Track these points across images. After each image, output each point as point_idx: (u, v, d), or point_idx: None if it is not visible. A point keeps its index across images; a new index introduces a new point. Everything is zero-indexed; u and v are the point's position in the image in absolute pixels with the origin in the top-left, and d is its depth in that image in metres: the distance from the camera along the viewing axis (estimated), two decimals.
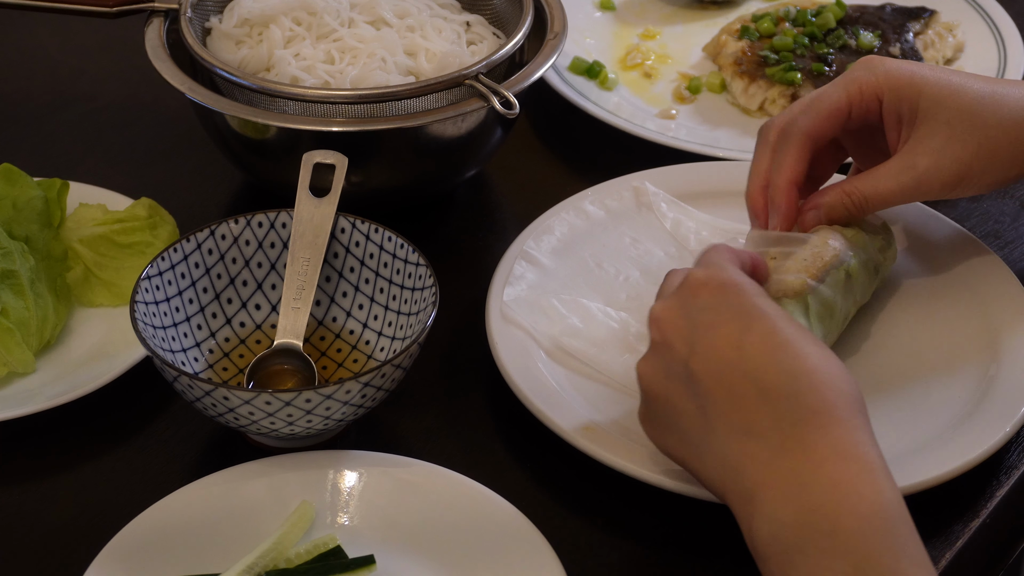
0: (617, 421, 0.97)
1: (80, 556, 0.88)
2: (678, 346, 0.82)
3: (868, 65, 1.00)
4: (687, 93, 1.33)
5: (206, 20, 1.18)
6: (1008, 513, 0.94)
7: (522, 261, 1.08)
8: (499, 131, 1.15)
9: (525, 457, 0.98)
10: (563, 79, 1.31)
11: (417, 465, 0.93)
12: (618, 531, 0.93)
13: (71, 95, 1.34)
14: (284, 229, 1.02)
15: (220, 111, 1.08)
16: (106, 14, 1.20)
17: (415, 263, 0.98)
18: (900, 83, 0.99)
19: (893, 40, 1.32)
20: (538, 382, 0.98)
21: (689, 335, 0.82)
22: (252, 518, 0.90)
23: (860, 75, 1.00)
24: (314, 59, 1.13)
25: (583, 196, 1.14)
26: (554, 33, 1.17)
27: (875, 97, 0.99)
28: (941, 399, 0.98)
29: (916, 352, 1.02)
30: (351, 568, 0.87)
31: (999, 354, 1.00)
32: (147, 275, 0.97)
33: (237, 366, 1.01)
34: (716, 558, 0.92)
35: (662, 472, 0.92)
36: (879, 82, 0.99)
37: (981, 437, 0.94)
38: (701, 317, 0.82)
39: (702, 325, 0.82)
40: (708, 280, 0.84)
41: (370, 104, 1.07)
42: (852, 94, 0.99)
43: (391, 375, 0.91)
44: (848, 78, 1.00)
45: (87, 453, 0.99)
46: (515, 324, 1.03)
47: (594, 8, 1.44)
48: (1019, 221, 1.17)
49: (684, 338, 0.82)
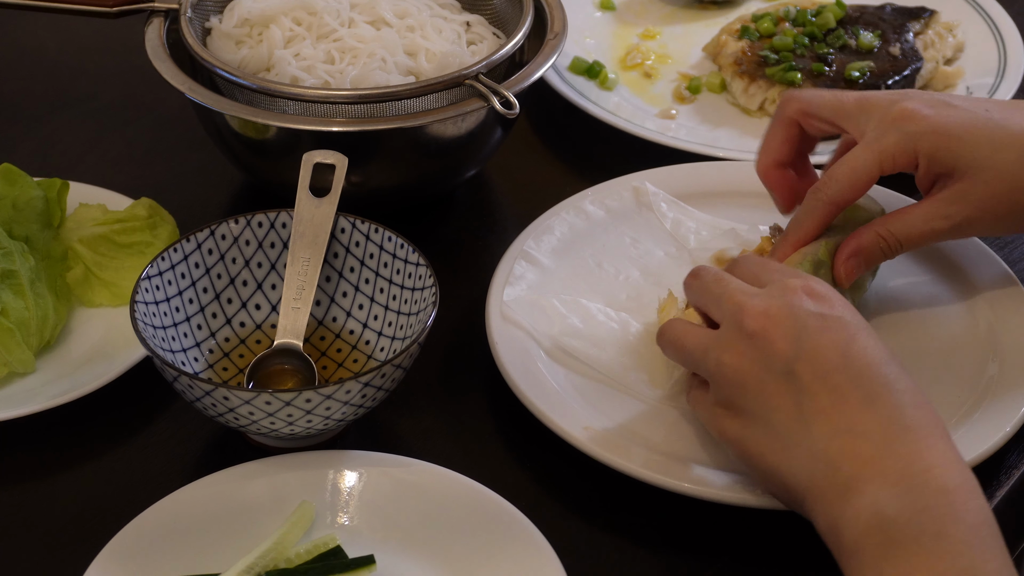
0: (617, 421, 0.97)
1: (80, 556, 0.88)
2: (782, 345, 0.84)
3: (901, 127, 0.96)
4: (687, 93, 1.33)
5: (206, 20, 1.18)
6: (1008, 513, 0.94)
7: (522, 261, 1.08)
8: (499, 131, 1.15)
9: (525, 457, 0.98)
10: (563, 79, 1.31)
11: (417, 465, 0.93)
12: (618, 531, 0.93)
13: (71, 95, 1.34)
14: (284, 229, 1.02)
15: (220, 111, 1.08)
16: (106, 14, 1.20)
17: (415, 263, 0.98)
18: (935, 146, 0.96)
19: (893, 40, 1.32)
20: (538, 382, 0.98)
21: (797, 335, 0.84)
22: (252, 518, 0.90)
23: (892, 142, 0.96)
24: (314, 59, 1.13)
25: (583, 196, 1.14)
26: (554, 33, 1.17)
27: (910, 164, 0.97)
28: (941, 399, 0.98)
29: (916, 352, 1.02)
30: (351, 568, 0.87)
31: (999, 354, 1.00)
32: (147, 275, 0.97)
33: (237, 366, 1.01)
34: (716, 558, 0.92)
35: (662, 472, 0.92)
36: (914, 148, 0.96)
37: (981, 437, 0.94)
38: (810, 321, 0.84)
39: (810, 329, 0.84)
40: (812, 289, 0.87)
41: (370, 104, 1.07)
42: (885, 163, 0.96)
43: (391, 375, 0.92)
44: (881, 144, 0.96)
45: (87, 453, 0.99)
46: (515, 324, 1.03)
47: (594, 8, 1.44)
48: None
49: (792, 338, 0.84)
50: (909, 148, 0.96)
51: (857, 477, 0.79)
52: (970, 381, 0.99)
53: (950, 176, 0.97)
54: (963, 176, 0.96)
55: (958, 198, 0.96)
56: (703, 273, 0.93)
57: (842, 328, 0.84)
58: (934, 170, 0.97)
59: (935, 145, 0.96)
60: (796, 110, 1.02)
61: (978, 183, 0.96)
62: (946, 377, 1.00)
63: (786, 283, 0.87)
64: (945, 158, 0.96)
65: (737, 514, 0.92)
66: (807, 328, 0.84)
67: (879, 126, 0.97)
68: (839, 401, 0.82)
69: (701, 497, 0.91)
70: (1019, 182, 0.96)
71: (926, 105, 0.97)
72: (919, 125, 0.96)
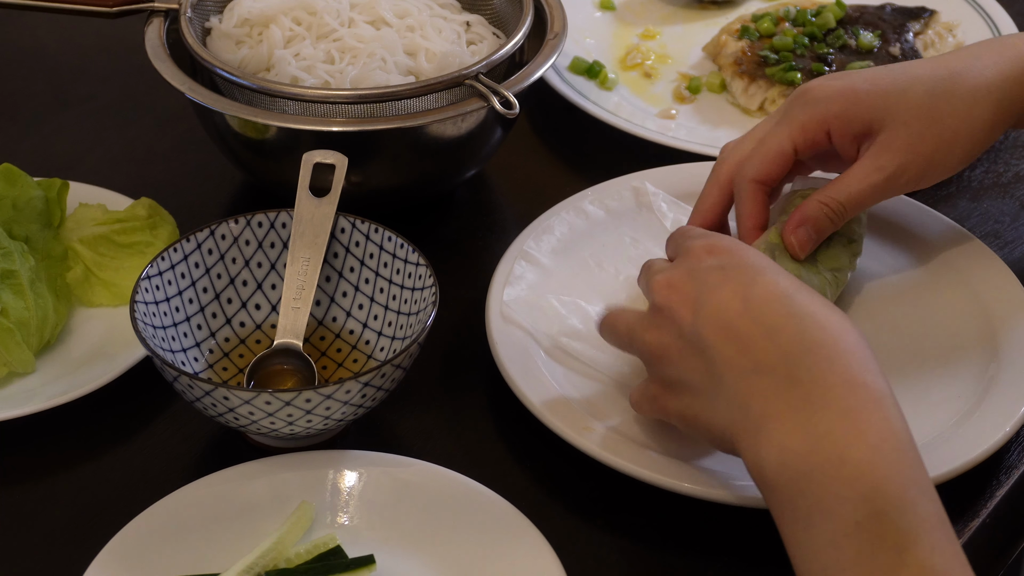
0: (617, 421, 0.97)
1: (80, 556, 0.88)
2: (684, 312, 0.85)
3: (804, 99, 1.00)
4: (687, 93, 1.33)
5: (206, 20, 1.18)
6: (1008, 513, 0.94)
7: (522, 261, 1.08)
8: (499, 131, 1.15)
9: (525, 457, 0.98)
10: (563, 79, 1.31)
11: (417, 465, 0.93)
12: (618, 531, 0.93)
13: (71, 95, 1.34)
14: (284, 229, 1.02)
15: (220, 111, 1.08)
16: (106, 14, 1.20)
17: (415, 263, 0.98)
18: (844, 107, 0.99)
19: (893, 40, 1.32)
20: (538, 382, 0.98)
21: (696, 298, 0.85)
22: (252, 518, 0.90)
23: (798, 114, 1.00)
24: (314, 59, 1.13)
25: (583, 196, 1.14)
26: (554, 33, 1.17)
27: (821, 131, 1.00)
28: (941, 399, 0.98)
29: (916, 352, 1.02)
30: (351, 568, 0.87)
31: (999, 353, 1.00)
32: (147, 275, 0.97)
33: (237, 366, 1.01)
34: (716, 558, 0.92)
35: (662, 472, 0.92)
36: (821, 115, 0.99)
37: (981, 437, 0.94)
38: (708, 277, 0.85)
39: (708, 285, 0.85)
40: (712, 245, 0.88)
41: (370, 104, 1.07)
42: (795, 135, 1.00)
43: (391, 375, 0.92)
44: (788, 118, 1.00)
45: (87, 453, 0.99)
46: (515, 324, 1.03)
47: (594, 8, 1.44)
48: (1019, 221, 1.17)
49: (692, 301, 0.85)
50: (817, 117, 0.99)
51: (766, 415, 0.80)
52: (970, 381, 0.99)
53: (870, 134, 0.99)
54: (881, 127, 0.98)
55: (884, 148, 0.98)
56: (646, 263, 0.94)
57: (742, 274, 0.85)
58: (851, 131, 0.99)
59: (842, 107, 0.98)
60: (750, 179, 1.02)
61: (898, 127, 0.98)
62: (946, 377, 1.00)
63: (688, 247, 0.89)
64: (857, 113, 0.98)
65: (737, 514, 0.92)
66: (707, 285, 0.85)
67: (786, 107, 1.01)
68: (744, 347, 0.82)
69: (701, 497, 0.91)
70: (936, 113, 0.98)
71: (827, 79, 1.00)
72: (823, 92, 0.99)
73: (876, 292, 1.07)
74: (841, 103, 0.99)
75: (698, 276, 0.86)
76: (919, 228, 1.11)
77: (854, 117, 0.99)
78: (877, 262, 1.09)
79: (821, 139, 1.00)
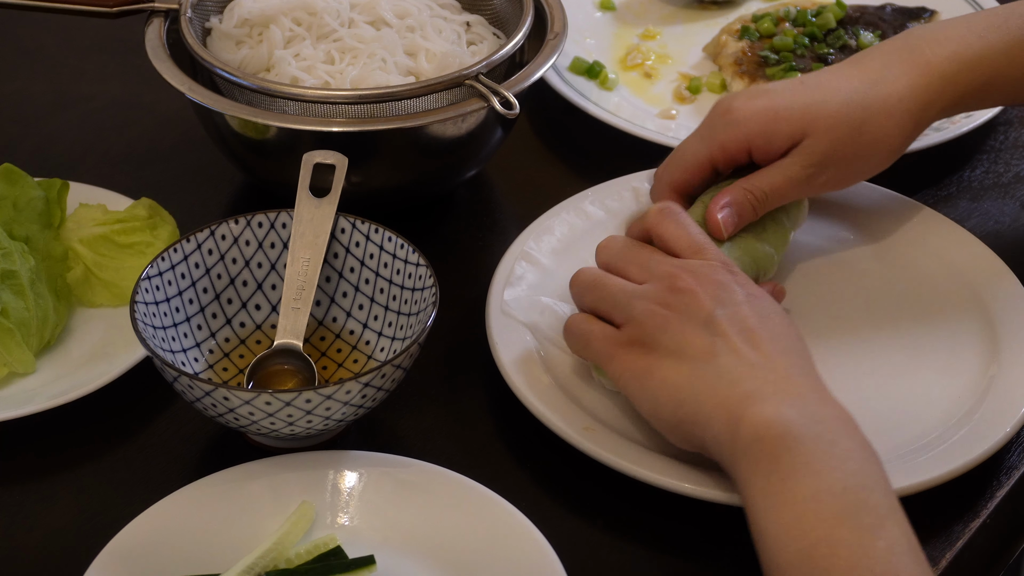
0: (617, 421, 0.97)
1: (80, 556, 0.88)
2: (706, 301, 0.91)
3: (726, 119, 1.04)
4: (687, 93, 1.33)
5: (206, 20, 1.18)
6: (1008, 513, 0.94)
7: (522, 261, 1.08)
8: (499, 131, 1.15)
9: (525, 457, 0.98)
10: (563, 79, 1.31)
11: (417, 465, 0.93)
12: (618, 531, 0.93)
13: (71, 95, 1.34)
14: (284, 229, 1.02)
15: (220, 111, 1.08)
16: (106, 14, 1.20)
17: (415, 263, 0.98)
18: (765, 126, 1.03)
19: None
20: (538, 382, 0.98)
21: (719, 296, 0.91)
22: (252, 518, 0.90)
23: (719, 133, 1.04)
24: (314, 59, 1.13)
25: (583, 196, 1.14)
26: (554, 33, 1.17)
27: (742, 151, 1.04)
28: (941, 399, 0.98)
29: (916, 352, 1.02)
30: (351, 568, 0.87)
31: (999, 354, 1.00)
32: (147, 275, 0.97)
33: (237, 366, 1.01)
34: (716, 558, 0.92)
35: (662, 472, 0.92)
36: (743, 135, 1.03)
37: (981, 437, 0.94)
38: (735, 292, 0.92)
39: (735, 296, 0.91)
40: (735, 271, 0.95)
41: (370, 104, 1.07)
42: (715, 154, 1.04)
43: (391, 375, 0.92)
44: (710, 136, 1.04)
45: (87, 453, 0.99)
46: (515, 324, 1.03)
47: (594, 8, 1.44)
48: (1019, 221, 1.17)
49: (714, 297, 0.91)
50: (739, 137, 1.03)
51: (758, 392, 0.86)
52: (970, 381, 0.99)
53: (794, 145, 1.04)
54: (803, 137, 1.03)
55: (806, 150, 1.03)
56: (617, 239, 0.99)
57: (760, 306, 0.92)
58: (774, 147, 1.03)
59: (763, 126, 1.03)
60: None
61: (820, 135, 1.03)
62: (946, 377, 1.00)
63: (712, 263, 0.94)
64: (779, 129, 1.03)
65: (737, 514, 0.92)
66: (732, 294, 0.92)
67: (709, 122, 1.05)
68: (751, 345, 0.89)
69: (701, 497, 0.91)
70: (853, 121, 1.03)
71: (746, 97, 1.05)
72: (742, 114, 1.03)
73: (876, 292, 1.07)
74: (762, 122, 1.03)
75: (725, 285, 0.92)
76: (919, 228, 1.11)
77: (775, 133, 1.03)
78: (877, 262, 1.09)
79: (742, 158, 1.05)
